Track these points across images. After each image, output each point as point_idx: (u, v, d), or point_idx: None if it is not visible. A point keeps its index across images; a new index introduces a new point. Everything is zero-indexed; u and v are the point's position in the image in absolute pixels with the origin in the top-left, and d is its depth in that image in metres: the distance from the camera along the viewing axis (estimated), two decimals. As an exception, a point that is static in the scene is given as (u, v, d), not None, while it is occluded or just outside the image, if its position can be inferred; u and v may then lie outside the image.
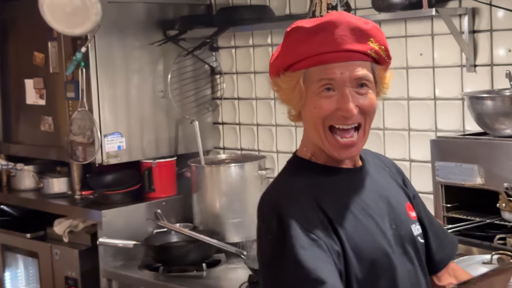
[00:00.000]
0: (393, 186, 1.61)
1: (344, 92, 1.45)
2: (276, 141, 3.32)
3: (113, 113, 3.22)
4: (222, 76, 3.48)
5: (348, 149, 1.49)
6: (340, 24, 1.46)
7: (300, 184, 1.50)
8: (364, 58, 1.46)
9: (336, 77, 1.45)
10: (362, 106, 1.47)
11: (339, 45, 1.45)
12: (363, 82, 1.47)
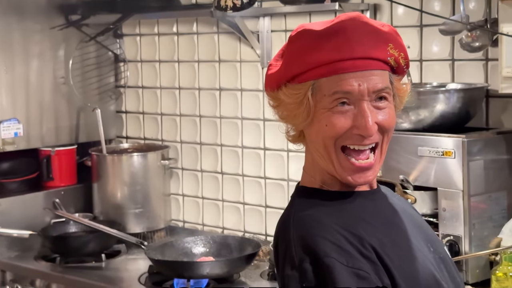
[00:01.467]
0: (408, 205, 1.42)
1: (362, 107, 1.22)
2: (180, 131, 3.29)
3: (10, 98, 3.12)
4: (126, 64, 3.42)
5: (364, 173, 1.25)
6: (356, 26, 1.22)
7: (325, 216, 1.24)
8: (383, 67, 1.23)
9: (353, 90, 1.21)
10: (382, 123, 1.24)
11: (356, 52, 1.21)
12: (383, 95, 1.24)
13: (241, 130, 3.08)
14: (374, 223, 1.25)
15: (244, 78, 3.06)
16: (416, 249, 1.27)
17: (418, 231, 1.32)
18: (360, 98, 1.22)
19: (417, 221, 1.36)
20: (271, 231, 3.00)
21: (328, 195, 1.28)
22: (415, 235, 1.30)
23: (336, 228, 1.22)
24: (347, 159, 1.24)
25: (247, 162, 3.08)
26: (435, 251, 1.32)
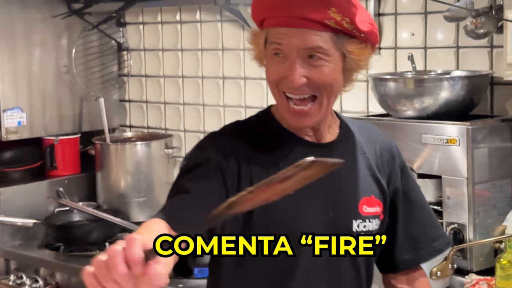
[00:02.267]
0: (357, 176, 1.45)
1: (290, 60, 1.34)
2: (184, 120, 3.28)
3: (13, 87, 3.10)
4: (129, 52, 3.41)
5: (300, 118, 1.37)
6: None
7: (247, 134, 1.42)
8: (320, 28, 1.32)
9: (284, 43, 1.33)
10: (313, 78, 1.34)
11: (292, 10, 1.32)
12: (315, 53, 1.33)
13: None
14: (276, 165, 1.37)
15: (247, 66, 3.04)
16: (297, 202, 1.35)
17: (329, 196, 1.41)
18: (290, 52, 1.34)
19: (338, 189, 1.42)
20: None
21: (274, 125, 1.44)
22: (316, 195, 1.39)
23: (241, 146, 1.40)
24: (287, 103, 1.38)
25: None
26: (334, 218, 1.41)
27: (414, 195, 1.55)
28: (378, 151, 1.51)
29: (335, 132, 1.48)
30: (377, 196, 1.47)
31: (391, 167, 1.52)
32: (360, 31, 1.35)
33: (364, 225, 1.44)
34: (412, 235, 1.54)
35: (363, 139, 1.50)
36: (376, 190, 1.48)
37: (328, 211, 1.42)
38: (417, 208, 1.55)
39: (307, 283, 1.41)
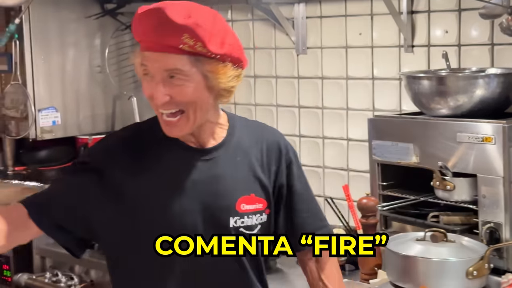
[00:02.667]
0: (236, 177, 1.61)
1: (155, 80, 1.50)
2: None
3: (47, 87, 3.14)
4: None
5: (171, 128, 1.54)
6: (159, 14, 1.46)
7: (139, 137, 1.60)
8: (177, 52, 1.47)
9: (149, 65, 1.50)
10: (175, 97, 1.50)
11: (154, 36, 1.48)
12: (174, 74, 1.49)
13: (276, 117, 3.06)
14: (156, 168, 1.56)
15: (279, 65, 3.04)
16: (172, 201, 1.54)
17: (205, 194, 1.56)
18: (154, 73, 1.50)
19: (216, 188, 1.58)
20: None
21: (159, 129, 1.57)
22: (192, 194, 1.55)
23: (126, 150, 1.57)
24: (160, 115, 1.54)
25: None
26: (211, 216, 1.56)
27: (298, 189, 1.70)
28: (265, 149, 1.66)
29: (221, 137, 1.63)
30: (258, 194, 1.62)
31: (277, 164, 1.67)
32: (214, 53, 1.48)
33: (242, 221, 1.60)
34: (295, 225, 1.71)
35: (250, 141, 1.65)
36: (258, 188, 1.63)
37: (206, 209, 1.57)
38: (299, 201, 1.70)
39: (190, 271, 1.58)
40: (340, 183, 2.77)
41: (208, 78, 1.51)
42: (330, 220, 2.74)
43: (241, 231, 1.60)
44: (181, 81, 1.49)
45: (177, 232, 1.54)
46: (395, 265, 2.07)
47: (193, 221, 1.56)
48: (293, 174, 1.69)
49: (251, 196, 1.61)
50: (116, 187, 1.55)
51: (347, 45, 2.82)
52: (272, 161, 1.66)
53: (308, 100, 2.96)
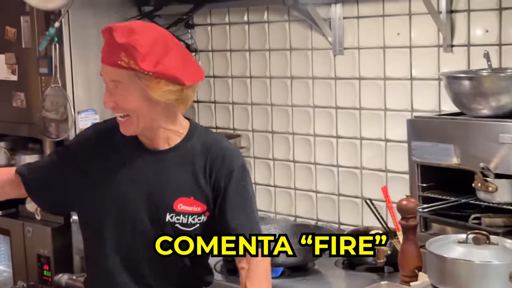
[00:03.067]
0: (180, 180, 1.87)
1: (106, 88, 1.83)
2: (252, 120, 3.28)
3: (86, 89, 3.16)
4: (198, 54, 3.43)
5: (121, 127, 1.85)
6: (108, 33, 1.78)
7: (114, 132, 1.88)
8: (117, 66, 1.77)
9: (102, 75, 1.83)
10: (117, 103, 1.81)
11: (105, 51, 1.80)
12: (117, 84, 1.79)
13: (313, 118, 3.05)
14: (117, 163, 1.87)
15: (315, 66, 3.02)
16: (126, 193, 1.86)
17: (151, 191, 1.85)
18: (106, 82, 1.82)
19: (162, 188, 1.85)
20: (345, 220, 2.99)
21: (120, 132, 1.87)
22: (142, 190, 1.85)
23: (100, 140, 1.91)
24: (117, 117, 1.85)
25: (319, 150, 3.05)
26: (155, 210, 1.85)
27: (234, 199, 1.88)
28: (209, 159, 1.88)
29: (174, 143, 1.89)
30: (197, 198, 1.86)
31: (220, 173, 1.87)
32: (145, 71, 1.75)
33: (177, 218, 1.85)
34: (229, 230, 1.88)
35: (200, 151, 1.88)
36: (197, 193, 1.87)
37: (148, 201, 1.86)
38: (233, 209, 1.87)
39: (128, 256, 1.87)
40: (378, 185, 2.76)
41: (145, 91, 1.78)
42: (368, 221, 2.78)
43: (177, 227, 1.85)
44: (123, 91, 1.79)
45: (121, 212, 1.86)
46: (436, 267, 2.05)
47: (135, 208, 1.86)
48: (232, 184, 1.87)
49: (191, 199, 1.86)
50: (86, 166, 1.90)
51: (385, 45, 2.79)
52: (215, 169, 1.87)
53: (345, 101, 2.94)
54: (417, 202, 2.28)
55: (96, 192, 1.89)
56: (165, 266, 1.89)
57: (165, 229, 1.86)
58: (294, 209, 3.15)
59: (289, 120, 3.14)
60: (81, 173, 1.91)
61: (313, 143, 3.06)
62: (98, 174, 1.89)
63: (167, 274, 1.90)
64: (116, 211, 1.87)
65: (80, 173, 1.91)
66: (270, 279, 1.91)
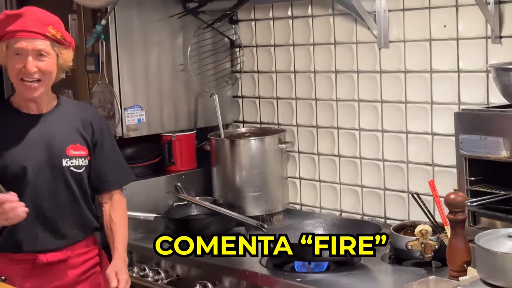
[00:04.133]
0: (65, 131, 2.37)
1: (27, 57, 2.25)
2: (296, 115, 3.28)
3: (132, 86, 3.19)
4: (242, 49, 3.43)
5: (32, 91, 2.27)
6: (29, 14, 2.27)
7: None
8: (43, 38, 2.26)
9: (22, 47, 2.25)
10: (40, 68, 2.26)
11: (26, 27, 2.25)
12: (42, 53, 2.26)
13: (358, 113, 3.03)
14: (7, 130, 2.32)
15: (360, 59, 3.00)
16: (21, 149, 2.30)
17: (46, 143, 2.33)
18: (26, 53, 2.25)
19: (51, 138, 2.34)
20: (391, 214, 2.96)
21: (7, 104, 2.37)
22: (37, 144, 2.32)
23: None
24: (22, 83, 2.28)
25: (364, 145, 3.03)
26: (49, 158, 2.32)
27: (106, 147, 2.46)
28: (84, 118, 2.42)
29: (52, 106, 2.39)
30: (81, 144, 2.38)
31: (92, 128, 2.43)
32: (67, 40, 2.33)
33: (72, 162, 2.36)
34: (104, 171, 2.45)
35: (73, 111, 2.42)
36: (81, 140, 2.39)
37: (46, 153, 2.32)
38: (106, 155, 2.46)
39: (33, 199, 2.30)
40: (425, 179, 2.73)
41: (59, 58, 2.31)
42: (415, 215, 2.75)
43: (72, 170, 2.35)
44: (45, 58, 2.26)
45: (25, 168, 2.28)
46: (486, 262, 2.01)
47: (37, 162, 2.30)
48: (104, 136, 2.45)
49: (77, 145, 2.38)
50: None
51: (431, 37, 2.76)
52: (89, 125, 2.41)
53: (391, 94, 2.92)
54: (465, 196, 2.24)
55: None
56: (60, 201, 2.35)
57: (66, 175, 2.34)
58: (339, 204, 3.15)
59: (333, 115, 3.12)
60: None
61: (358, 137, 3.04)
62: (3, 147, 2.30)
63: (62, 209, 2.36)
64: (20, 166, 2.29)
65: None
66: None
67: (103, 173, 2.45)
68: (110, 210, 2.47)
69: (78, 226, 2.40)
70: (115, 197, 2.50)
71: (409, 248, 2.39)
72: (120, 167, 2.52)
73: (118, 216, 2.47)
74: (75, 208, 2.39)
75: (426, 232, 2.36)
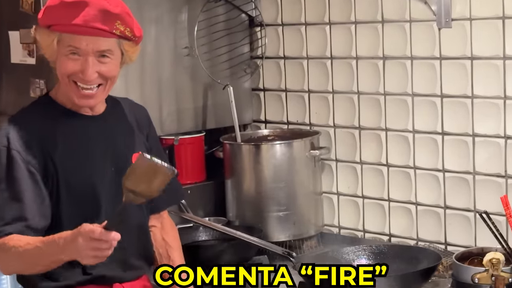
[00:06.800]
0: (127, 136, 2.55)
1: (86, 60, 2.36)
2: (333, 113, 3.43)
3: (122, 75, 2.97)
4: (264, 29, 3.56)
5: (87, 99, 2.42)
6: (92, 4, 2.34)
7: (36, 119, 2.45)
8: (109, 36, 2.36)
9: (81, 47, 2.35)
10: (102, 72, 2.39)
11: (88, 22, 2.33)
12: (105, 54, 2.38)
13: (412, 110, 3.18)
14: (69, 138, 2.44)
15: (415, 42, 3.14)
16: (90, 164, 2.45)
17: (111, 153, 2.48)
18: (86, 53, 2.36)
19: (115, 147, 2.49)
20: (453, 239, 3.13)
21: (56, 107, 2.47)
22: (102, 155, 2.48)
23: (35, 131, 2.41)
24: (76, 87, 2.40)
25: (419, 151, 3.18)
26: (116, 171, 2.44)
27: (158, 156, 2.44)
28: (138, 119, 2.62)
29: (105, 106, 2.54)
30: (143, 151, 2.44)
31: (147, 129, 2.65)
32: (136, 36, 2.42)
33: None
34: None
35: (126, 110, 2.60)
36: (142, 146, 2.57)
37: (111, 166, 2.47)
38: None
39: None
40: (497, 194, 2.88)
41: (124, 56, 2.43)
42: (483, 241, 2.87)
43: None
44: (109, 59, 2.39)
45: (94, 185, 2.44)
46: None
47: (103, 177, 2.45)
48: (155, 139, 2.69)
49: (140, 152, 2.38)
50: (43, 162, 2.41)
51: (504, 15, 2.89)
52: (144, 126, 2.63)
53: (453, 87, 3.06)
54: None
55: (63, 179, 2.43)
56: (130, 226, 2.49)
57: None
58: (387, 226, 3.31)
59: (381, 112, 3.27)
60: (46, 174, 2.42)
61: (412, 141, 3.19)
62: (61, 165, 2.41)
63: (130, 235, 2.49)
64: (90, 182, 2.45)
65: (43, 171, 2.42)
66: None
67: None
68: (162, 233, 2.69)
69: (143, 257, 2.60)
70: (164, 218, 2.72)
71: (476, 282, 2.51)
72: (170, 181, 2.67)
73: (173, 240, 2.70)
74: (142, 234, 2.59)
75: (498, 261, 2.47)
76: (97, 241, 2.15)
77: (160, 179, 2.13)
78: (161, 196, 2.42)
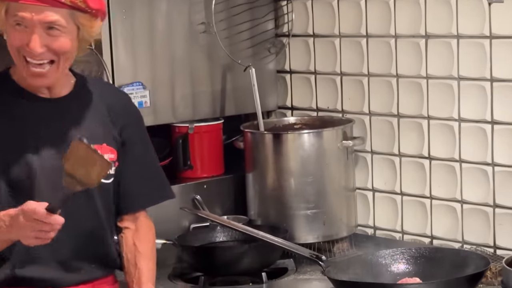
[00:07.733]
0: (87, 126, 2.53)
1: (32, 31, 2.39)
2: (369, 99, 3.45)
3: (131, 55, 3.28)
4: (291, 2, 3.58)
5: (39, 78, 2.44)
6: None
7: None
8: (58, 5, 2.38)
9: (26, 17, 2.38)
10: (51, 47, 2.40)
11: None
12: (53, 26, 2.39)
13: (458, 96, 3.19)
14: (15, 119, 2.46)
15: (461, 19, 3.14)
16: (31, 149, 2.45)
17: (62, 141, 2.44)
18: (31, 25, 2.37)
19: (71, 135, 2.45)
20: (503, 242, 3.14)
21: (12, 85, 2.52)
22: (50, 141, 2.47)
23: None
24: (26, 66, 2.43)
25: (466, 142, 3.19)
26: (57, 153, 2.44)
27: (137, 148, 2.64)
28: (111, 106, 2.59)
29: (70, 89, 2.56)
30: (109, 144, 2.53)
31: (123, 119, 2.62)
32: (91, 7, 2.42)
33: None
34: (129, 182, 2.62)
35: (96, 96, 2.59)
36: (108, 137, 2.55)
37: (57, 155, 2.42)
38: (135, 159, 2.62)
39: None
40: None
41: (80, 30, 2.46)
42: None
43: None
44: (59, 32, 2.40)
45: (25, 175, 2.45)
46: None
47: (52, 167, 2.44)
48: (137, 134, 2.65)
49: (103, 145, 2.52)
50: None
51: None
52: (119, 116, 2.60)
53: (505, 69, 3.06)
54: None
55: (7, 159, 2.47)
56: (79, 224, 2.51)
57: None
58: (429, 227, 3.32)
59: (422, 98, 3.28)
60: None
61: (458, 131, 3.20)
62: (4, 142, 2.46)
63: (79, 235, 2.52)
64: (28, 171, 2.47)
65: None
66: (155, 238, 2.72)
67: (128, 185, 2.62)
68: (134, 237, 2.66)
69: (98, 261, 2.60)
70: (141, 220, 2.69)
71: (529, 289, 2.53)
72: (152, 177, 2.69)
73: (145, 246, 2.66)
74: (96, 234, 2.57)
75: (554, 267, 2.52)
76: (39, 223, 2.24)
77: (98, 169, 2.22)
78: (137, 194, 2.62)
